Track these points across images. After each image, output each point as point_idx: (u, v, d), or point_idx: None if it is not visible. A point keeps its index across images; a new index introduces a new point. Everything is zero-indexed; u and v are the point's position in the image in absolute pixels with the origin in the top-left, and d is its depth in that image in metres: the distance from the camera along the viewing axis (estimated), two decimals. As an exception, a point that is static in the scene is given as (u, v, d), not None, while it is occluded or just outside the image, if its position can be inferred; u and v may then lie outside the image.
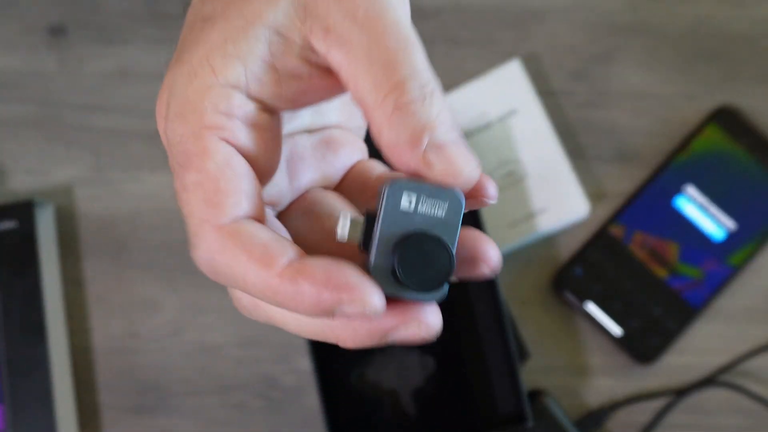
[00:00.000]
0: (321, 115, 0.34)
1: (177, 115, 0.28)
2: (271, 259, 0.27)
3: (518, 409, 0.54)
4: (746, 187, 0.59)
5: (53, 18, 0.64)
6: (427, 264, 0.27)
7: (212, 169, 0.27)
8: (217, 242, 0.27)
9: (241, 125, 0.28)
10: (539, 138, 0.60)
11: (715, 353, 0.58)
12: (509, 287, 0.59)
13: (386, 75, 0.27)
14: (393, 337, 0.28)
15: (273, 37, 0.28)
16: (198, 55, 0.28)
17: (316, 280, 0.26)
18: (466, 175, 0.28)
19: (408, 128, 0.27)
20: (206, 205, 0.27)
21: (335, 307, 0.26)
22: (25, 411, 0.55)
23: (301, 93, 0.30)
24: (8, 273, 0.58)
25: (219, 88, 0.28)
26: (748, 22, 0.62)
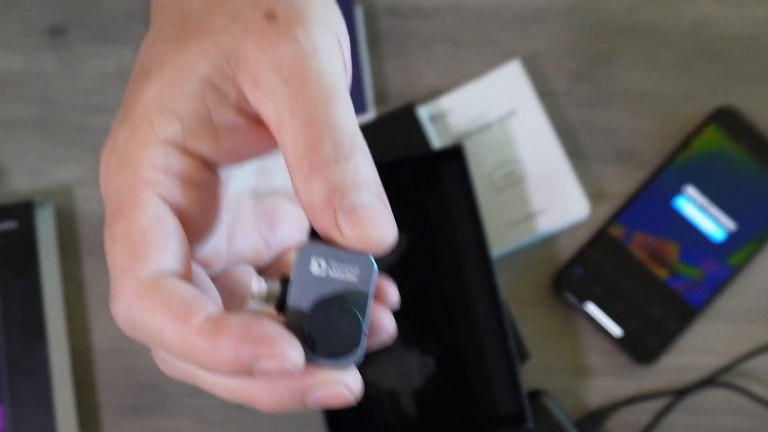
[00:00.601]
0: (266, 176, 0.34)
1: (116, 168, 0.28)
2: (189, 313, 0.26)
3: (518, 410, 0.54)
4: (746, 188, 0.59)
5: (53, 18, 0.64)
6: (335, 332, 0.27)
7: (141, 222, 0.27)
8: (135, 294, 0.26)
9: (177, 182, 0.28)
10: (539, 138, 0.60)
11: (715, 353, 0.58)
12: (509, 288, 0.59)
13: (304, 134, 0.27)
14: (313, 399, 0.27)
15: (207, 90, 0.28)
16: (138, 111, 0.28)
17: (234, 334, 0.25)
18: (375, 241, 0.27)
19: (321, 189, 0.26)
20: (130, 256, 0.27)
21: (254, 362, 0.25)
22: (24, 411, 0.55)
23: (240, 146, 0.29)
24: (8, 273, 0.58)
25: (157, 144, 0.28)
26: (748, 22, 0.62)
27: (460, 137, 0.60)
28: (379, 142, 0.59)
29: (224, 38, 0.28)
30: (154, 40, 0.30)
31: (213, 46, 0.28)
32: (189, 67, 0.28)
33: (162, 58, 0.28)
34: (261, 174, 0.34)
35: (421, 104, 0.61)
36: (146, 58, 0.29)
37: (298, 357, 0.26)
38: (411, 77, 0.63)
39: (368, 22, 0.63)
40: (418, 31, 0.63)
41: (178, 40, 0.29)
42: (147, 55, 0.30)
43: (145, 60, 0.29)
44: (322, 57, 0.28)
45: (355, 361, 0.27)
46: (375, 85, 0.62)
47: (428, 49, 0.63)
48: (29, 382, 0.56)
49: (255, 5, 0.28)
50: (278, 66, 0.27)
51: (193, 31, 0.28)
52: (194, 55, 0.28)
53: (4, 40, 0.64)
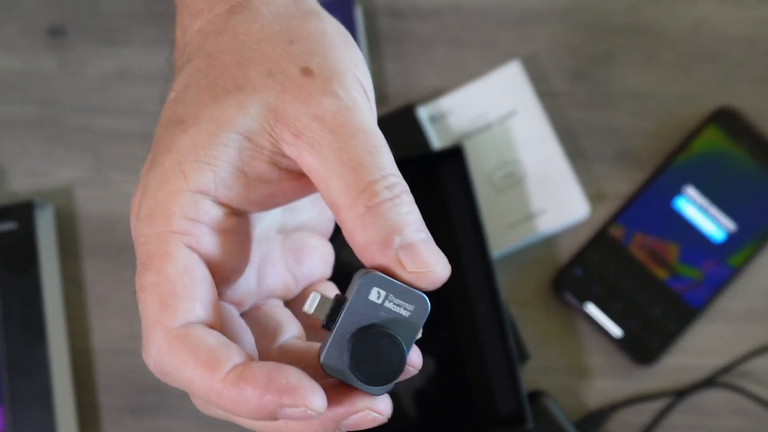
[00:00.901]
0: (293, 212, 0.35)
1: (146, 216, 0.29)
2: (217, 363, 0.27)
3: (518, 410, 0.54)
4: (746, 188, 0.59)
5: (53, 19, 0.64)
6: (378, 360, 0.28)
7: (171, 273, 0.28)
8: (166, 344, 0.28)
9: (208, 231, 0.29)
10: (539, 139, 0.60)
11: (715, 354, 0.58)
12: (509, 288, 0.59)
13: (356, 178, 0.28)
14: (348, 425, 0.28)
15: (243, 143, 0.29)
16: (170, 159, 0.29)
17: (258, 383, 0.27)
18: (437, 273, 0.28)
19: (380, 229, 0.28)
20: (160, 307, 0.28)
21: (277, 410, 0.27)
22: (24, 412, 0.55)
23: (269, 196, 0.30)
24: (8, 274, 0.58)
25: (188, 194, 0.28)
26: (747, 22, 0.62)
27: (460, 138, 0.60)
28: (379, 142, 0.59)
29: (261, 93, 0.29)
30: (185, 88, 0.30)
31: (250, 101, 0.29)
32: (225, 120, 0.29)
33: (197, 110, 0.29)
34: (288, 211, 0.35)
35: (421, 105, 0.61)
36: (178, 108, 0.30)
37: (320, 404, 0.27)
38: (411, 78, 0.62)
39: (368, 22, 0.63)
40: (418, 31, 0.63)
41: (213, 93, 0.29)
42: (179, 104, 0.30)
43: (178, 109, 0.30)
44: (361, 110, 0.29)
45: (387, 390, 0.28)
46: (375, 86, 0.62)
47: (428, 49, 0.63)
48: (29, 382, 0.56)
49: (290, 61, 0.30)
50: (322, 118, 0.29)
51: (228, 85, 0.29)
52: (231, 109, 0.29)
53: (4, 41, 0.64)
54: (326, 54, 0.30)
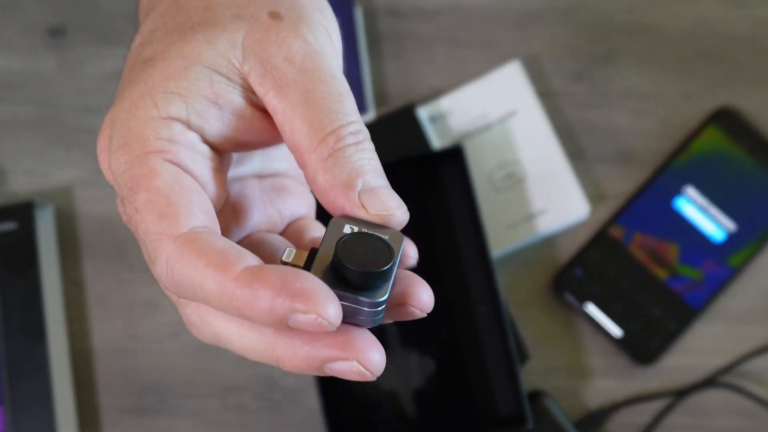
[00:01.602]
0: (271, 160, 0.35)
1: (120, 145, 0.29)
2: (228, 264, 0.27)
3: (518, 411, 0.54)
4: (746, 189, 0.59)
5: (53, 19, 0.64)
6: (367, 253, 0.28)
7: (162, 186, 0.28)
8: (175, 251, 0.27)
9: (185, 150, 0.29)
10: (539, 139, 0.60)
11: (715, 354, 0.58)
12: (509, 288, 0.59)
13: (323, 121, 0.28)
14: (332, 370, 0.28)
15: (214, 75, 0.29)
16: (139, 91, 0.29)
17: (272, 284, 0.26)
18: (397, 218, 0.29)
19: (343, 172, 0.28)
20: (160, 219, 0.28)
21: (289, 314, 0.26)
22: (24, 412, 0.55)
23: (243, 134, 0.30)
24: (8, 274, 0.58)
25: (160, 120, 0.28)
26: (747, 23, 0.62)
27: (460, 138, 0.60)
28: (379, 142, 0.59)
29: (230, 31, 0.29)
30: (152, 32, 0.31)
31: (218, 37, 0.29)
32: (194, 54, 0.29)
33: (165, 48, 0.29)
34: (265, 158, 0.35)
35: (421, 105, 0.61)
36: (145, 50, 0.30)
37: (334, 314, 0.26)
38: (411, 78, 0.62)
39: (368, 22, 0.63)
40: (418, 31, 0.63)
41: (181, 32, 0.30)
42: (145, 46, 0.30)
43: (144, 52, 0.30)
44: (329, 56, 0.30)
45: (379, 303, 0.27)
46: (375, 86, 0.62)
47: (428, 49, 0.63)
48: (29, 382, 0.56)
49: (258, 5, 0.30)
50: (291, 60, 0.29)
51: (196, 24, 0.30)
52: (199, 44, 0.29)
53: (4, 41, 0.64)
54: (294, 4, 0.30)
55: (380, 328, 0.55)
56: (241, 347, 0.29)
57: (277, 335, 0.28)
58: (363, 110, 0.61)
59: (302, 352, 0.28)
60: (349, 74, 0.61)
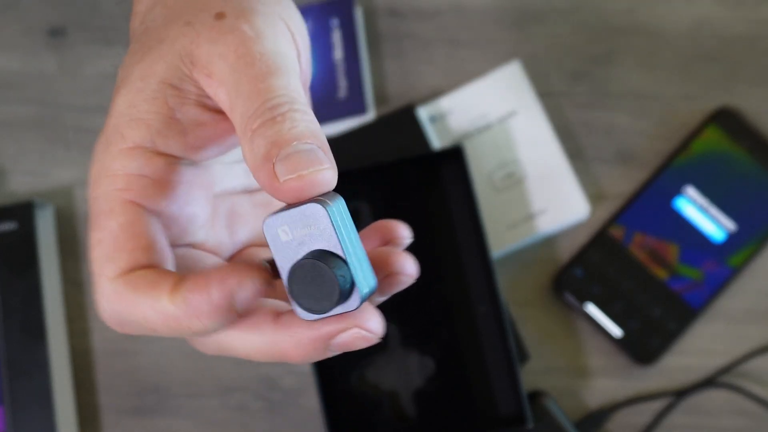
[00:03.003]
0: None
1: (94, 180, 0.30)
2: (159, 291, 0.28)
3: (518, 411, 0.54)
4: (746, 189, 0.59)
5: (53, 19, 0.64)
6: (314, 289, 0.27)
7: (114, 228, 0.29)
8: (112, 291, 0.29)
9: (152, 185, 0.30)
10: (539, 139, 0.60)
11: (715, 354, 0.58)
12: (509, 288, 0.59)
13: (248, 106, 0.28)
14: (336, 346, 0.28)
15: (168, 90, 0.30)
16: (111, 124, 0.30)
17: (200, 286, 0.27)
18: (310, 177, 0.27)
19: (261, 146, 0.28)
20: (105, 260, 0.29)
21: (229, 300, 0.27)
22: (24, 412, 0.55)
23: (207, 139, 0.31)
24: (8, 274, 0.58)
25: (127, 151, 0.30)
26: (747, 23, 0.62)
27: (460, 138, 0.60)
28: (379, 142, 0.59)
29: (179, 42, 0.30)
30: (122, 62, 0.32)
31: (168, 50, 0.30)
32: (149, 73, 0.30)
33: (128, 73, 0.31)
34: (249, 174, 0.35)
35: (421, 105, 0.61)
36: (119, 76, 0.32)
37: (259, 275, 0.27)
38: (411, 78, 0.62)
39: (368, 22, 0.63)
40: (418, 31, 0.63)
41: (140, 54, 0.31)
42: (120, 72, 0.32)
43: (118, 77, 0.32)
44: (266, 40, 0.30)
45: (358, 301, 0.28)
46: (375, 86, 0.62)
47: (428, 49, 0.63)
48: (29, 383, 0.56)
49: (207, 9, 0.31)
50: (226, 55, 0.29)
51: (152, 42, 0.31)
52: (152, 62, 0.30)
53: (4, 41, 0.64)
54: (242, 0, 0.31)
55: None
56: (246, 352, 0.30)
57: (276, 329, 0.29)
58: (363, 110, 0.61)
59: (305, 337, 0.28)
60: (349, 74, 0.61)
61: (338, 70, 0.62)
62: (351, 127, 0.60)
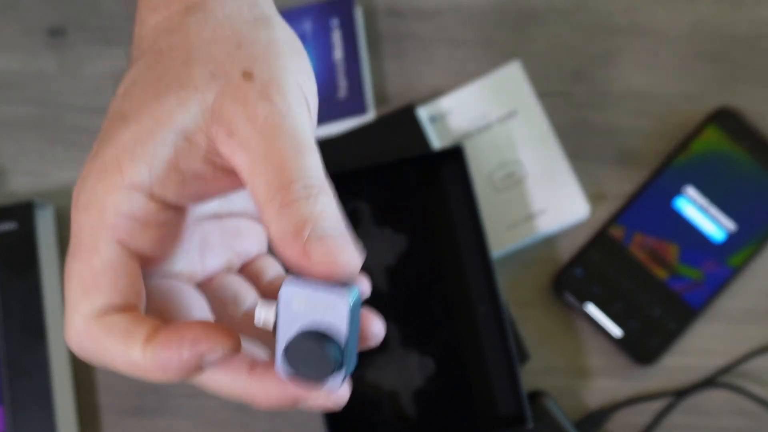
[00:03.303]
0: (228, 202, 0.36)
1: (83, 207, 0.30)
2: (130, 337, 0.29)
3: (518, 411, 0.54)
4: (746, 189, 0.59)
5: (53, 19, 0.64)
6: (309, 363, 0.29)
7: (96, 266, 0.30)
8: (83, 328, 0.29)
9: (139, 226, 0.30)
10: (539, 139, 0.60)
11: (715, 354, 0.58)
12: (509, 288, 0.59)
13: (277, 176, 0.29)
14: (304, 405, 0.30)
15: (179, 141, 0.30)
16: (110, 153, 0.30)
17: (172, 343, 0.28)
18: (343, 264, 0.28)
19: (291, 222, 0.28)
20: (81, 294, 0.30)
21: (198, 361, 0.28)
22: (24, 412, 0.55)
23: (204, 191, 0.32)
24: (8, 274, 0.58)
25: (124, 190, 0.30)
26: (747, 23, 0.62)
27: (460, 138, 0.60)
28: (379, 142, 0.59)
29: (202, 91, 0.30)
30: (133, 84, 0.32)
31: (190, 99, 0.30)
32: (165, 117, 0.30)
33: (140, 106, 0.31)
34: (222, 201, 0.36)
35: (421, 105, 0.61)
36: (123, 102, 0.31)
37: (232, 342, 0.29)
38: (411, 77, 0.62)
39: (368, 22, 0.63)
40: (418, 31, 0.63)
41: (156, 89, 0.31)
42: (124, 98, 0.32)
43: (123, 104, 0.31)
44: (295, 116, 0.30)
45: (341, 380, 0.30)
46: (375, 86, 0.62)
47: (428, 49, 0.63)
48: (29, 382, 0.56)
49: (234, 63, 0.31)
50: (254, 120, 0.30)
51: (171, 82, 0.31)
52: (170, 106, 0.30)
53: (4, 41, 0.64)
54: (271, 61, 0.31)
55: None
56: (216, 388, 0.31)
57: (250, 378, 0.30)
58: (363, 110, 0.61)
59: (276, 393, 0.30)
60: (349, 74, 0.61)
61: (338, 70, 0.62)
62: (351, 127, 0.60)
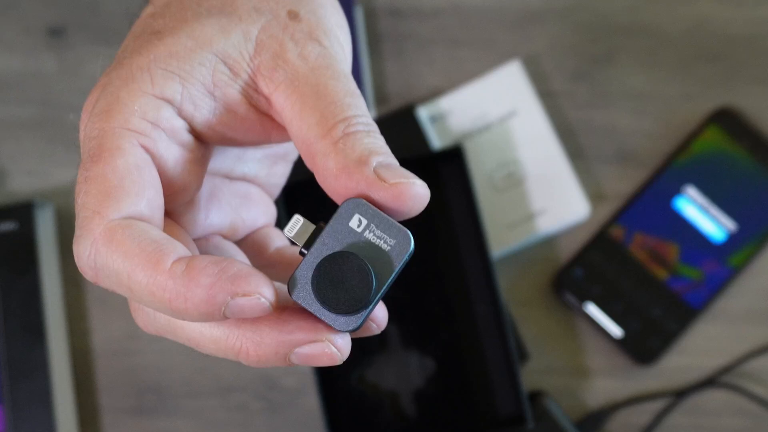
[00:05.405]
0: (242, 163, 0.34)
1: (103, 111, 0.28)
2: (162, 254, 0.25)
3: (518, 411, 0.54)
4: (746, 188, 0.59)
5: (53, 19, 0.64)
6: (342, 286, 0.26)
7: (120, 167, 0.26)
8: (104, 234, 0.26)
9: (165, 138, 0.28)
10: (539, 139, 0.60)
11: (715, 354, 0.58)
12: (509, 288, 0.59)
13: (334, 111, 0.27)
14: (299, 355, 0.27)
15: (219, 65, 0.28)
16: (139, 62, 0.28)
17: (208, 272, 0.25)
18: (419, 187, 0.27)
19: (355, 151, 0.27)
20: (103, 197, 0.26)
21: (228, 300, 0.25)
22: (24, 412, 0.56)
23: (232, 129, 0.29)
24: (8, 274, 0.58)
25: (152, 98, 0.27)
26: (748, 22, 0.62)
27: (460, 138, 0.60)
28: (379, 142, 0.59)
29: (246, 22, 0.28)
30: (167, 5, 0.30)
31: (234, 27, 0.28)
32: (205, 39, 0.28)
33: (176, 24, 0.29)
34: (237, 159, 0.34)
35: (421, 105, 0.61)
36: (156, 21, 0.29)
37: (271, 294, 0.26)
38: (411, 77, 0.62)
39: (368, 22, 0.63)
40: (418, 31, 0.63)
41: (195, 12, 0.29)
42: (156, 18, 0.29)
43: (155, 22, 0.29)
44: (342, 62, 0.29)
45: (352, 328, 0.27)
46: (375, 86, 0.62)
47: (428, 49, 0.63)
48: (29, 383, 0.56)
49: (279, 2, 0.29)
50: (306, 57, 0.28)
51: (213, 8, 0.29)
52: (212, 29, 0.28)
53: (4, 41, 0.64)
54: (315, 7, 0.30)
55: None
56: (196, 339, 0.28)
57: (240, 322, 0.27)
58: (363, 110, 0.61)
59: (270, 338, 0.27)
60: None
61: (338, 70, 0.61)
62: (351, 127, 0.60)
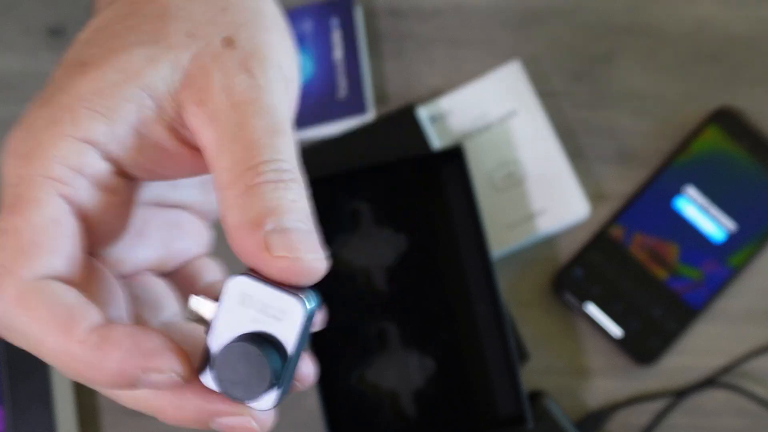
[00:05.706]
0: (176, 189, 0.32)
1: (24, 155, 0.26)
2: (74, 323, 0.24)
3: (518, 411, 0.54)
4: (746, 188, 0.59)
5: (53, 19, 0.64)
6: (244, 375, 0.25)
7: (37, 221, 0.25)
8: (16, 296, 0.25)
9: (88, 184, 0.26)
10: (539, 139, 0.60)
11: (715, 354, 0.58)
12: (509, 288, 0.59)
13: (246, 155, 0.25)
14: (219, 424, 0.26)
15: (145, 101, 0.27)
16: (63, 101, 0.27)
17: (121, 345, 0.24)
18: (308, 263, 0.25)
19: (255, 207, 0.25)
20: (17, 253, 0.25)
21: (141, 375, 0.24)
22: (24, 413, 0.56)
23: (161, 166, 0.28)
24: (8, 274, 0.58)
25: (74, 141, 0.26)
26: (748, 23, 0.62)
27: (460, 138, 0.60)
28: (379, 142, 0.59)
29: (176, 52, 0.27)
30: (98, 31, 0.28)
31: (163, 57, 0.27)
32: (132, 71, 0.27)
33: (104, 55, 0.27)
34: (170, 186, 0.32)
35: (421, 105, 0.61)
36: (84, 50, 0.28)
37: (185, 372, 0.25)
38: (411, 77, 0.62)
39: (368, 22, 0.63)
40: (418, 31, 0.63)
41: (124, 41, 0.27)
42: (87, 46, 0.28)
43: (84, 51, 0.28)
44: (274, 94, 0.27)
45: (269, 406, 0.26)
46: (375, 85, 0.62)
47: (428, 49, 0.63)
48: (29, 383, 0.56)
49: (216, 27, 0.28)
50: (230, 91, 0.26)
51: (143, 36, 0.27)
52: (140, 60, 0.27)
53: (4, 41, 0.64)
54: (255, 32, 0.28)
55: (381, 330, 0.55)
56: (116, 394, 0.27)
57: None
58: (363, 110, 0.61)
59: (192, 405, 0.26)
60: (349, 74, 0.61)
61: (338, 70, 0.61)
62: (351, 127, 0.60)
